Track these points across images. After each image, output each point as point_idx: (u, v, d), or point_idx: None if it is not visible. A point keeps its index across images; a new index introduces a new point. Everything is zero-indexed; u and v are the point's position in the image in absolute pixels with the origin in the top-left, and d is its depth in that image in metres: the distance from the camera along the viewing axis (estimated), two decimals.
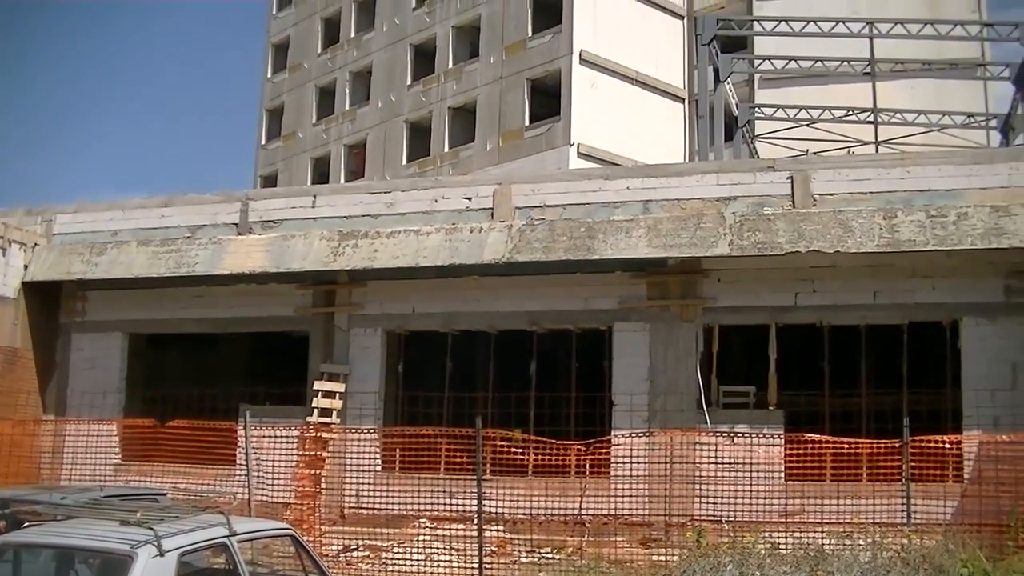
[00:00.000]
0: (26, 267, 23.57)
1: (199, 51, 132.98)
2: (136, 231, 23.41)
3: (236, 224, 22.62)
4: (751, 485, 17.75)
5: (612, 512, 18.78)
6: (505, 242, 19.71)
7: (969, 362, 18.02)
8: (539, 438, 18.77)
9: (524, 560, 18.45)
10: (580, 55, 46.35)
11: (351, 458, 20.63)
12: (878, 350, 20.21)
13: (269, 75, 65.91)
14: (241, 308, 22.88)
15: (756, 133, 39.83)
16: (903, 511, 16.46)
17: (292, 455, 20.71)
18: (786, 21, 33.18)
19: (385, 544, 19.44)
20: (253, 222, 22.49)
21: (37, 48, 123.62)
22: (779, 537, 16.23)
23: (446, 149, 51.00)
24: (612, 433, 19.13)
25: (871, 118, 37.20)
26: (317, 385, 21.43)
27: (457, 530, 18.64)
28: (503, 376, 21.83)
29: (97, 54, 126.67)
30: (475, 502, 17.18)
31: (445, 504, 19.18)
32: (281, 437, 20.76)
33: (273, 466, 20.30)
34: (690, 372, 19.28)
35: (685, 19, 51.77)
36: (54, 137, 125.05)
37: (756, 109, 39.85)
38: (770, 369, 19.24)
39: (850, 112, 37.55)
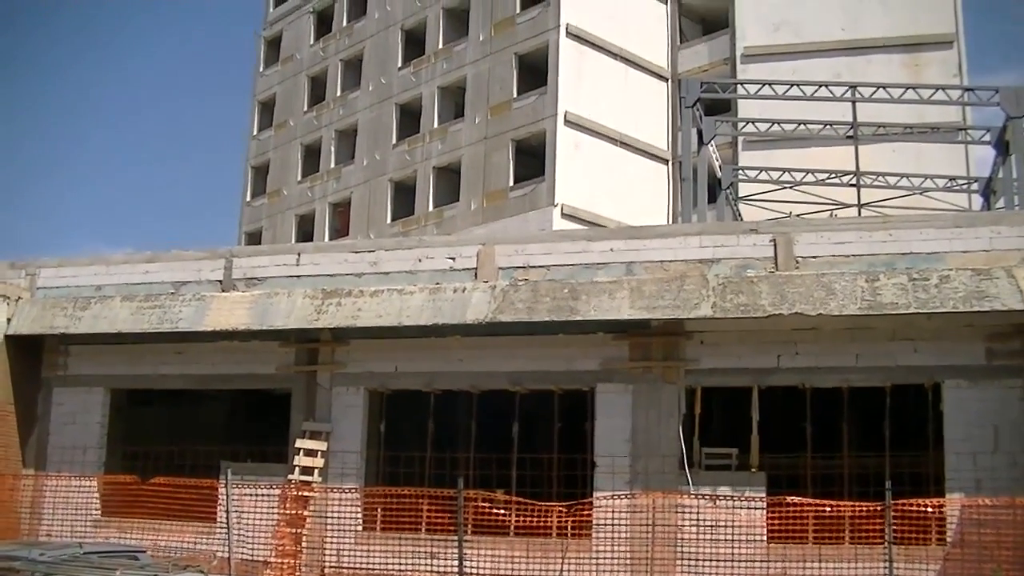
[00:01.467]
0: (9, 320, 23.53)
1: (185, 107, 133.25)
2: (120, 286, 23.40)
3: (220, 281, 22.63)
4: (733, 548, 17.74)
5: (594, 574, 18.71)
6: (488, 302, 19.74)
7: (951, 425, 18.06)
8: (521, 499, 18.75)
9: None
10: (565, 116, 46.60)
11: (332, 517, 20.56)
12: (860, 413, 20.24)
13: (255, 132, 66.13)
14: (224, 365, 22.84)
15: (740, 195, 39.98)
16: (886, 575, 16.44)
17: (273, 513, 20.64)
18: (769, 84, 33.40)
19: None
20: (237, 279, 22.51)
21: (18, 99, 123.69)
22: None
23: (430, 209, 51.10)
24: (594, 495, 19.11)
25: (854, 181, 37.38)
26: (299, 443, 21.36)
27: None
28: (485, 437, 21.79)
29: (80, 108, 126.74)
30: (456, 563, 17.11)
31: (426, 564, 19.13)
32: (262, 495, 20.70)
33: (254, 524, 20.22)
34: (672, 434, 19.27)
35: (669, 81, 52.11)
36: (37, 189, 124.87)
37: (740, 171, 40.03)
38: (752, 431, 19.24)
39: (833, 175, 37.73)
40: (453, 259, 21.04)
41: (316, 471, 21.15)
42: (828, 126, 35.25)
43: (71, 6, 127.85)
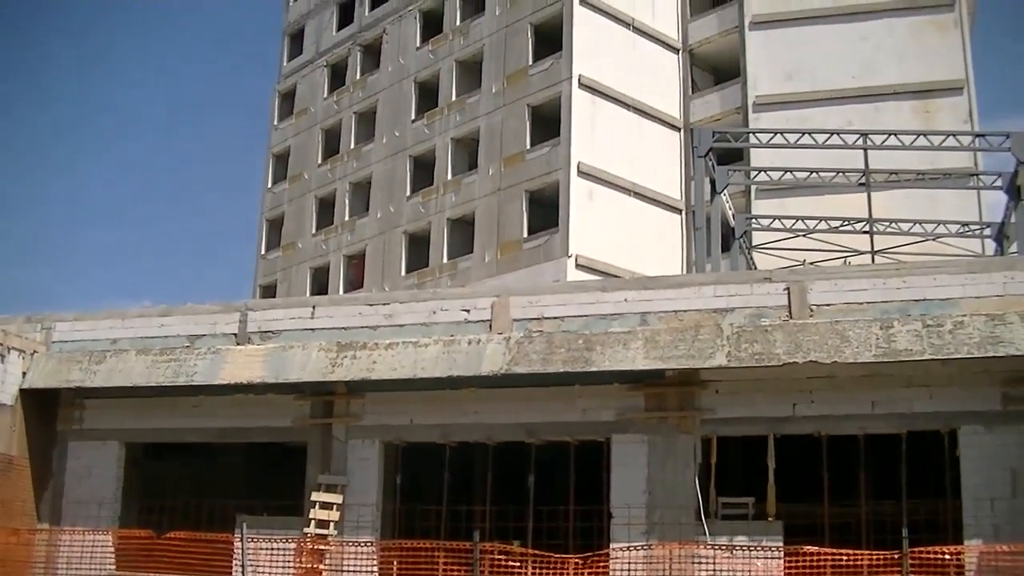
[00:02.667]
0: (24, 374, 23.60)
1: (201, 159, 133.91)
2: (135, 340, 23.48)
3: (235, 334, 22.69)
4: None
5: None
6: (503, 354, 19.75)
7: (968, 471, 17.97)
8: (537, 552, 18.68)
9: None
10: (578, 167, 46.75)
11: (348, 571, 20.50)
12: (877, 460, 20.18)
13: (269, 185, 66.38)
14: (239, 418, 22.85)
15: (753, 244, 40.03)
16: None
17: (289, 567, 20.58)
18: (781, 133, 33.49)
19: None
20: (252, 332, 22.57)
21: (34, 154, 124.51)
22: None
23: (445, 260, 51.20)
24: (610, 546, 19.04)
25: (867, 228, 37.38)
26: (314, 496, 21.34)
27: None
28: (501, 489, 21.77)
29: (95, 160, 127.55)
30: None
31: None
32: (278, 549, 20.66)
33: None
34: (688, 484, 19.22)
35: (682, 131, 52.27)
36: (54, 243, 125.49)
37: (753, 220, 40.10)
38: (769, 480, 19.19)
39: (846, 222, 37.75)
40: (467, 311, 21.07)
41: (332, 524, 21.12)
42: (840, 173, 35.30)
43: (89, 61, 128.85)
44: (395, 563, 20.63)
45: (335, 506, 21.25)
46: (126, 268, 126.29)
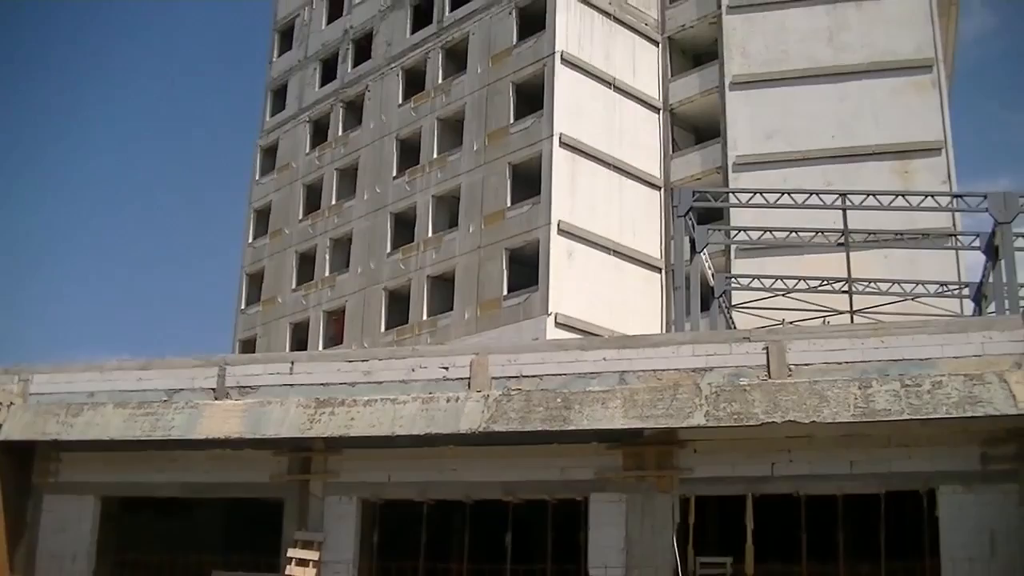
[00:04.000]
0: (0, 426, 23.41)
1: (181, 214, 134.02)
2: (113, 393, 23.31)
3: (213, 389, 22.58)
4: None
5: None
6: (482, 412, 19.69)
7: (947, 531, 17.93)
8: None
9: None
10: (558, 225, 46.93)
11: None
12: (855, 520, 20.13)
13: (250, 240, 66.43)
14: (216, 473, 22.71)
15: (732, 303, 40.12)
16: None
17: None
18: (761, 193, 33.64)
19: None
20: (230, 387, 22.46)
21: (14, 204, 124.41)
22: None
23: (424, 317, 51.22)
24: None
25: (846, 288, 37.55)
26: (291, 553, 21.18)
27: None
28: (478, 547, 21.64)
29: (76, 214, 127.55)
30: None
31: None
32: None
33: None
34: (666, 544, 19.13)
35: (662, 190, 52.54)
36: (32, 296, 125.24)
37: (732, 279, 40.21)
38: (747, 540, 19.13)
39: (825, 282, 37.92)
40: (446, 369, 21.02)
41: None
42: (820, 233, 35.48)
43: (69, 111, 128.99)
44: None
45: (311, 563, 21.09)
46: (106, 321, 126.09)
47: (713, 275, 37.77)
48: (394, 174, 56.44)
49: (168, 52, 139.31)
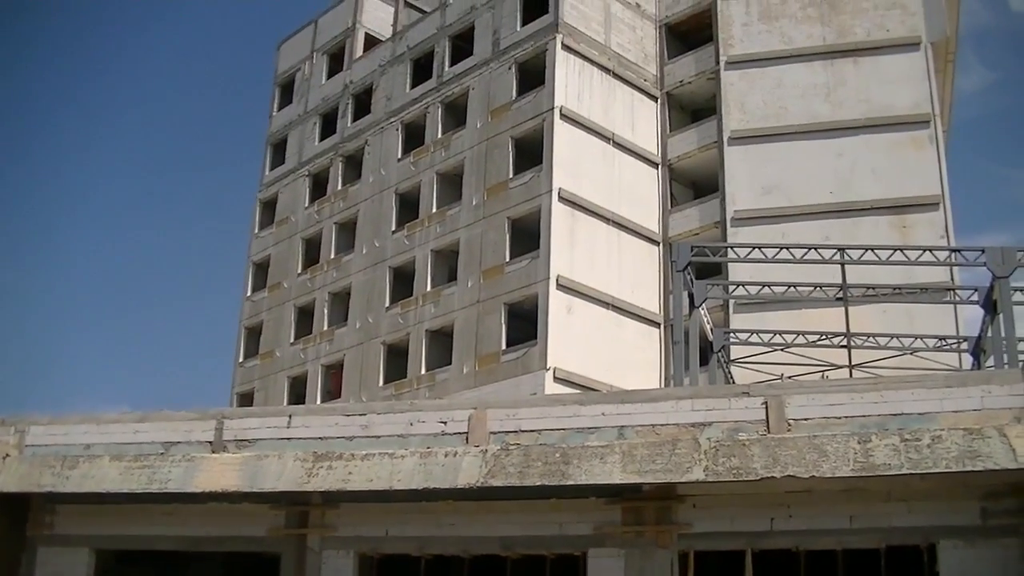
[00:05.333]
0: None
1: (181, 267, 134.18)
2: (109, 445, 23.20)
3: (210, 442, 22.48)
4: None
5: None
6: (480, 467, 19.62)
7: None
8: None
9: None
10: (557, 280, 46.96)
11: None
12: (855, 575, 20.02)
13: (249, 293, 66.47)
14: (213, 527, 22.60)
15: (731, 358, 40.06)
16: None
17: None
18: (759, 248, 33.67)
19: None
20: (228, 440, 22.37)
21: (10, 259, 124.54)
22: None
23: (423, 372, 51.15)
24: None
25: (844, 342, 37.50)
26: None
27: None
28: None
29: (74, 265, 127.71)
30: None
31: None
32: None
33: None
34: None
35: (660, 245, 52.62)
36: (31, 348, 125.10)
37: (731, 334, 40.17)
38: None
39: (824, 336, 37.88)
40: (445, 423, 20.95)
41: None
42: (818, 288, 35.47)
43: (67, 155, 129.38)
44: None
45: None
46: (103, 373, 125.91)
47: (712, 330, 37.72)
48: (393, 228, 56.55)
49: (170, 105, 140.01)
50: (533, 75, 52.40)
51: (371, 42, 66.31)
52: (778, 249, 33.38)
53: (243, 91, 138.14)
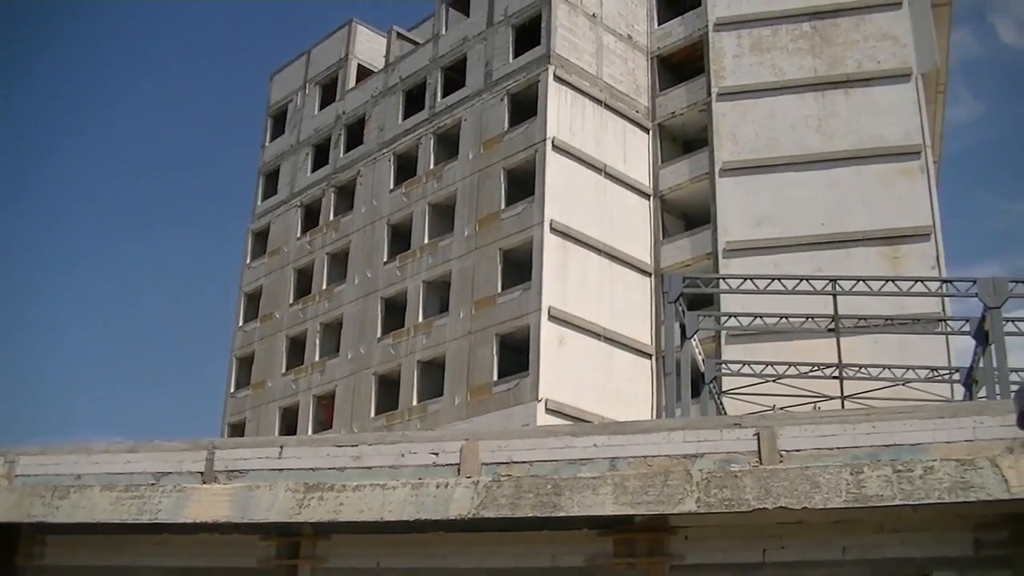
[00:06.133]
0: None
1: (173, 297, 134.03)
2: (100, 476, 23.13)
3: (201, 472, 22.43)
4: None
5: None
6: (471, 498, 19.56)
7: None
8: None
9: None
10: (549, 311, 46.95)
11: None
12: None
13: (240, 323, 66.39)
14: (204, 558, 22.49)
15: (723, 389, 40.05)
16: None
17: None
18: (751, 279, 33.70)
19: None
20: (219, 471, 22.31)
21: (13, 294, 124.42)
22: None
23: (414, 403, 51.07)
24: None
25: (836, 373, 37.49)
26: None
27: None
28: None
29: (67, 293, 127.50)
30: None
31: None
32: None
33: None
34: None
35: (652, 276, 52.66)
36: (23, 378, 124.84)
37: (723, 365, 40.16)
38: None
39: (815, 367, 37.86)
40: (436, 454, 20.89)
41: None
42: (810, 319, 35.49)
43: (60, 190, 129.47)
44: None
45: None
46: (94, 403, 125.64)
47: (703, 361, 37.71)
48: (385, 259, 56.57)
49: (162, 134, 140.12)
50: (525, 106, 52.52)
51: (364, 73, 66.50)
52: (770, 280, 33.41)
53: (235, 121, 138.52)
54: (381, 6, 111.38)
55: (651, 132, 56.18)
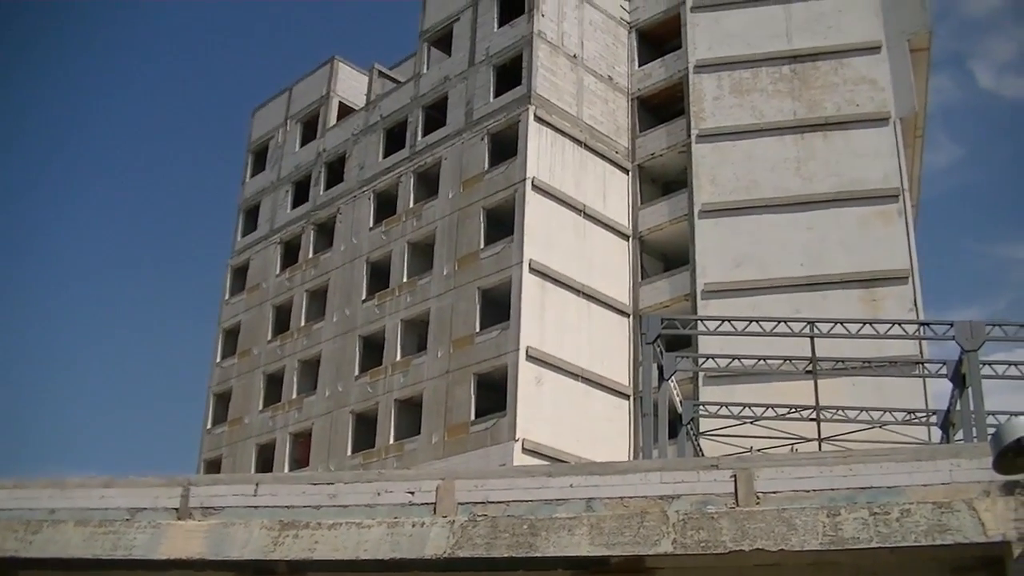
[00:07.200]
0: None
1: (150, 333, 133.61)
2: (74, 510, 22.95)
3: (176, 509, 22.28)
4: None
5: None
6: (447, 538, 19.48)
7: None
8: None
9: None
10: (527, 351, 46.92)
11: None
12: None
13: (218, 359, 66.17)
14: None
15: (700, 430, 40.04)
16: None
17: None
18: (729, 321, 33.76)
19: None
20: (194, 507, 22.16)
21: None
22: None
23: (392, 441, 50.93)
24: None
25: (814, 415, 37.54)
26: None
27: None
28: None
29: (46, 328, 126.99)
30: None
31: None
32: None
33: None
34: None
35: (631, 317, 52.69)
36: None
37: (701, 406, 40.18)
38: None
39: (793, 409, 37.89)
40: (412, 493, 20.80)
41: None
42: (788, 361, 35.54)
43: (40, 240, 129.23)
44: None
45: None
46: (69, 437, 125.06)
47: (681, 402, 37.71)
48: (364, 297, 56.53)
49: (141, 169, 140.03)
50: (505, 146, 52.64)
51: (345, 111, 66.64)
52: (748, 322, 33.48)
53: (216, 157, 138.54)
54: (363, 44, 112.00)
55: (631, 173, 56.35)
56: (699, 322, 39.13)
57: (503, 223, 50.86)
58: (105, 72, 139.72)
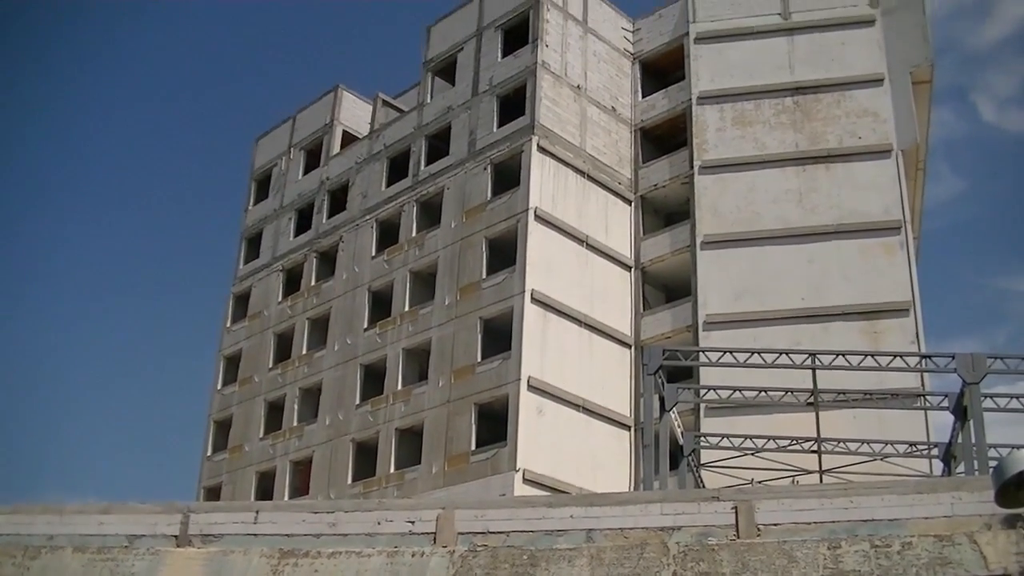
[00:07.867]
0: None
1: (151, 361, 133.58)
2: (72, 536, 22.92)
3: (176, 536, 22.24)
4: None
5: None
6: (447, 568, 19.45)
7: None
8: None
9: None
10: (528, 381, 46.86)
11: None
12: None
13: (219, 387, 66.06)
14: None
15: (701, 462, 39.97)
16: None
17: None
18: (731, 352, 33.73)
19: None
20: (193, 535, 22.12)
21: None
22: None
23: (392, 470, 50.80)
24: None
25: (815, 447, 37.48)
26: None
27: None
28: None
29: (45, 355, 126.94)
30: None
31: None
32: None
33: None
34: None
35: (632, 348, 52.65)
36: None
37: (702, 438, 40.11)
38: None
39: (794, 441, 37.84)
40: (412, 523, 20.78)
41: None
42: (789, 393, 35.50)
43: (38, 262, 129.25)
44: None
45: None
46: (68, 463, 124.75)
47: (682, 433, 37.67)
48: (365, 326, 56.48)
49: (144, 197, 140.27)
50: (508, 176, 52.70)
51: (348, 139, 66.72)
52: (749, 354, 33.44)
53: (219, 185, 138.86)
54: (367, 73, 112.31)
55: (633, 204, 56.40)
56: (700, 353, 39.04)
57: (505, 253, 50.87)
58: (110, 99, 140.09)
